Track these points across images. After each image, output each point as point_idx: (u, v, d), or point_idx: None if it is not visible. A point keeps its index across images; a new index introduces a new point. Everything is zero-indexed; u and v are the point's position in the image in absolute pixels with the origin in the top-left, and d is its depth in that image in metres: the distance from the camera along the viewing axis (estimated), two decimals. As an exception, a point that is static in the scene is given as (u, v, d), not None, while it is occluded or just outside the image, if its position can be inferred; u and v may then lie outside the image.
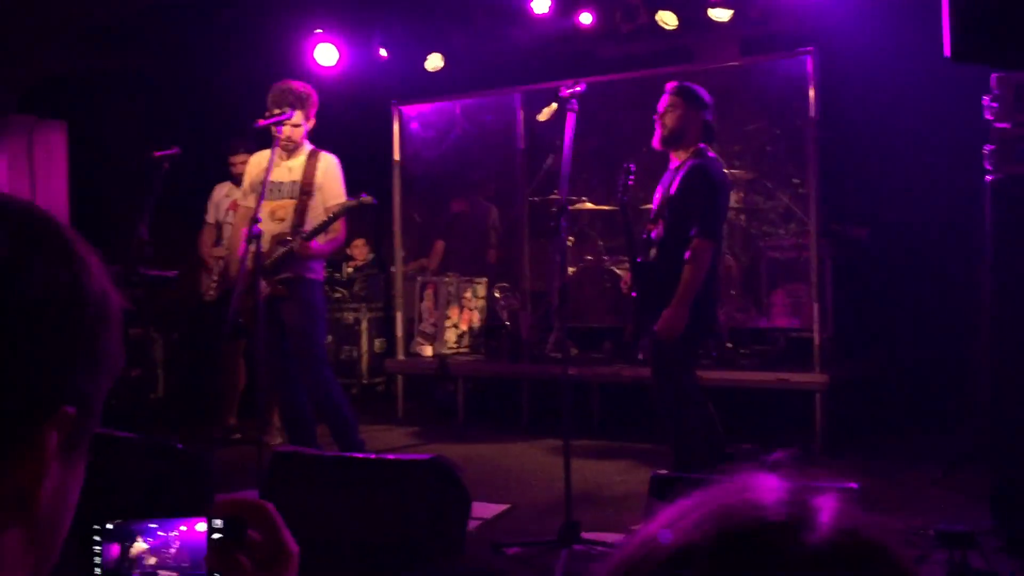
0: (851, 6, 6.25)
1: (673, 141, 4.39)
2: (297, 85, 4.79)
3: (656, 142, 4.45)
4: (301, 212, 4.80)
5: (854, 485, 2.97)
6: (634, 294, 4.47)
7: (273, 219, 4.78)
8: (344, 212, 4.69)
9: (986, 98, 3.75)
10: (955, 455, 4.82)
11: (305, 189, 4.81)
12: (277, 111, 4.67)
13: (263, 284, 4.63)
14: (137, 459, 3.86)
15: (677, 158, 4.43)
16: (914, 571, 0.56)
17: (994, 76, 3.59)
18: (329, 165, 4.87)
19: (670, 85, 4.49)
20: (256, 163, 4.95)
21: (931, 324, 6.39)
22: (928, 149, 6.21)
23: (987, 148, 3.84)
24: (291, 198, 4.81)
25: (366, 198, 4.68)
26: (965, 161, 4.62)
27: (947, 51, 2.28)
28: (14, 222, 0.67)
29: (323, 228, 4.68)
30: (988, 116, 3.84)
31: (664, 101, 4.40)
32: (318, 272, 4.88)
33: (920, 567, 3.52)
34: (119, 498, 3.81)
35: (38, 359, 0.65)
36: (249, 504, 0.91)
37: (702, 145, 4.39)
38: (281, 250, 4.70)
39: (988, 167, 3.88)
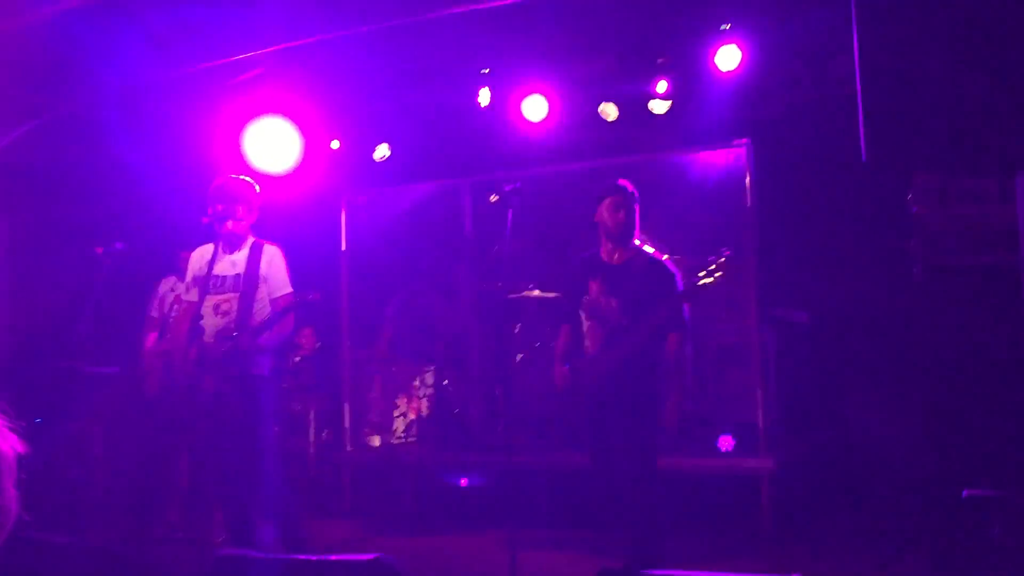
0: (784, 100, 6.50)
1: (629, 235, 4.56)
2: (239, 179, 4.82)
3: (627, 240, 4.55)
4: (247, 305, 4.74)
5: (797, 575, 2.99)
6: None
7: (217, 313, 4.73)
8: (290, 310, 4.67)
9: (911, 194, 3.91)
10: (901, 540, 4.87)
11: (249, 281, 4.77)
12: (220, 206, 4.69)
13: (208, 379, 4.58)
14: (73, 564, 3.74)
15: (618, 252, 4.55)
16: None
17: (916, 173, 3.76)
18: (273, 256, 4.85)
19: (625, 183, 4.64)
20: (198, 257, 4.92)
21: (875, 405, 6.51)
22: (861, 237, 6.41)
23: (913, 240, 3.99)
24: (235, 291, 4.76)
25: (312, 296, 4.66)
26: (895, 248, 4.79)
27: (863, 157, 2.39)
28: None
29: (269, 325, 4.65)
30: (914, 209, 4.01)
31: (622, 199, 4.54)
32: (264, 368, 4.81)
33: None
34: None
35: None
36: None
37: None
38: (227, 344, 4.65)
39: (915, 257, 4.02)
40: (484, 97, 7.54)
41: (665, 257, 4.59)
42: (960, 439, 4.03)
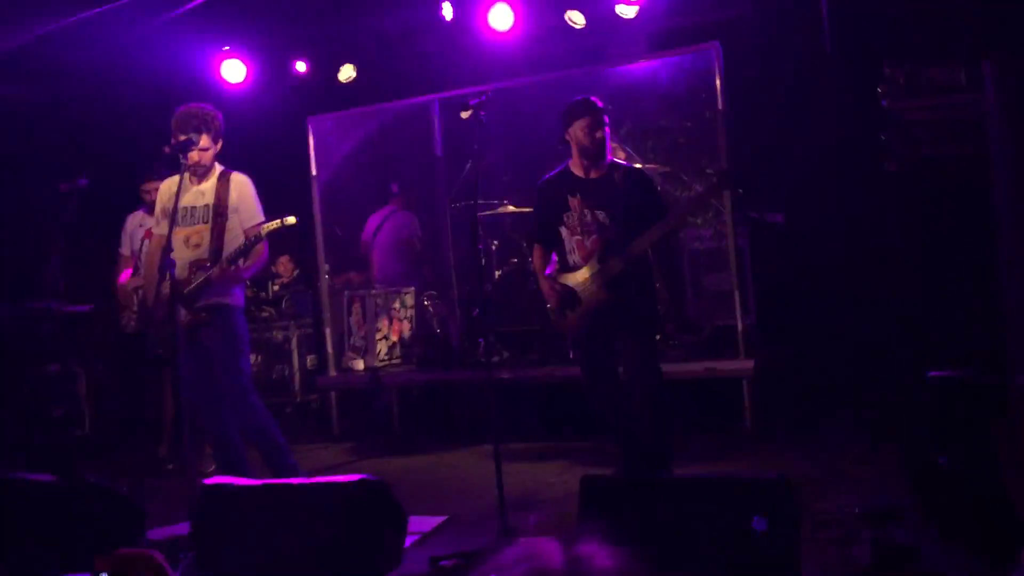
0: (749, 1, 6.39)
1: (605, 152, 4.57)
2: (201, 108, 4.71)
3: (603, 156, 4.54)
4: (218, 236, 4.68)
5: (773, 475, 3.04)
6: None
7: (188, 246, 4.67)
8: (265, 235, 4.60)
9: (880, 87, 3.87)
10: (877, 433, 4.97)
11: (219, 212, 4.69)
12: (183, 136, 4.59)
13: (183, 312, 4.55)
14: (61, 502, 3.77)
15: (593, 168, 4.54)
16: None
17: (885, 63, 3.71)
18: (242, 185, 4.76)
19: (595, 99, 4.58)
20: (166, 189, 4.84)
21: (851, 302, 6.56)
22: (832, 133, 6.37)
23: (884, 133, 3.97)
24: (205, 222, 4.68)
25: (289, 219, 4.59)
26: (867, 143, 4.77)
27: (827, 46, 2.35)
28: None
29: (244, 252, 4.59)
30: (884, 103, 3.97)
31: (598, 118, 4.49)
32: (239, 298, 4.77)
33: (849, 547, 3.63)
34: (51, 542, 3.72)
35: None
36: (133, 556, 0.92)
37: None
38: (201, 276, 4.61)
39: (887, 151, 4.01)
40: (447, 11, 7.37)
41: (637, 165, 4.58)
42: (932, 329, 4.09)
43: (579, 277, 4.50)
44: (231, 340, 4.65)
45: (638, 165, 4.60)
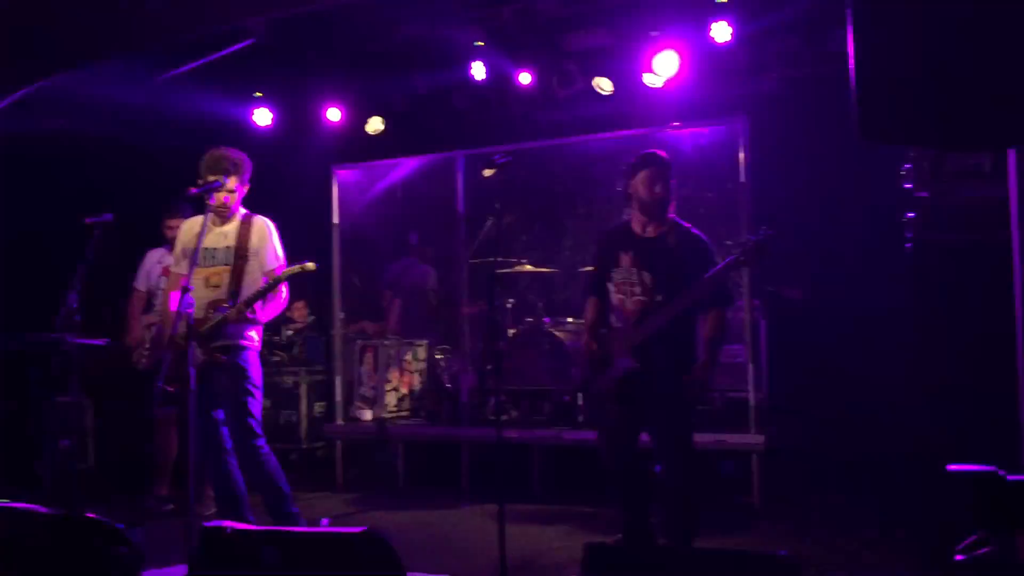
0: (779, 78, 6.47)
1: (665, 209, 4.35)
2: (230, 152, 4.77)
3: (663, 213, 4.34)
4: (237, 278, 4.72)
5: (783, 552, 2.98)
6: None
7: (208, 286, 4.71)
8: (285, 279, 4.62)
9: (904, 168, 3.89)
10: (889, 517, 4.89)
11: (240, 254, 4.73)
12: (211, 177, 4.65)
13: (198, 352, 4.56)
14: (61, 535, 3.73)
15: (652, 225, 4.35)
16: None
17: (910, 149, 3.74)
18: (263, 229, 4.81)
19: (661, 153, 4.45)
20: (188, 229, 4.90)
21: (866, 382, 6.51)
22: (855, 213, 6.39)
23: (907, 216, 3.97)
24: (226, 264, 4.73)
25: (309, 265, 4.62)
26: (889, 225, 4.78)
27: (857, 132, 2.37)
28: None
29: (262, 295, 4.61)
30: (907, 185, 3.99)
31: (659, 171, 4.33)
32: (254, 340, 4.79)
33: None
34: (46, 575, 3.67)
35: None
36: None
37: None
38: (217, 317, 4.63)
39: (908, 234, 4.01)
40: (478, 71, 7.50)
41: (696, 231, 4.38)
42: (950, 415, 4.04)
43: (615, 339, 4.35)
44: (243, 382, 4.65)
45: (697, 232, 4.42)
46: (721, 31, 6.51)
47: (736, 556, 3.14)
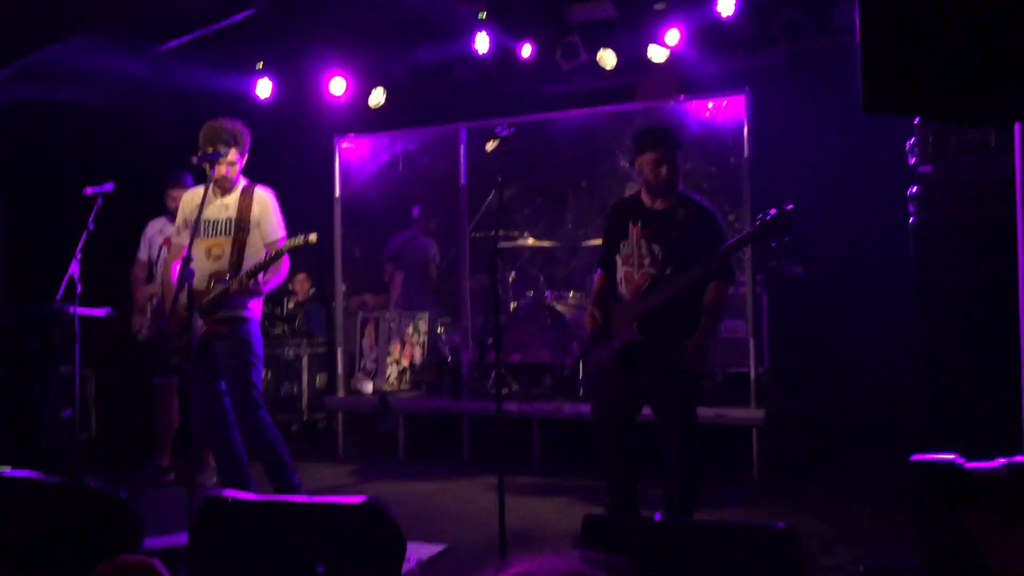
0: (784, 51, 6.42)
1: (673, 187, 4.26)
2: (228, 122, 4.75)
3: (670, 191, 4.25)
4: (238, 249, 4.71)
5: (781, 524, 2.99)
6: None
7: (209, 257, 4.71)
8: (287, 251, 4.61)
9: (909, 143, 3.86)
10: (889, 491, 4.91)
11: (241, 225, 4.72)
12: (211, 148, 4.63)
13: (200, 323, 4.57)
14: (61, 504, 3.76)
15: (660, 199, 4.27)
16: None
17: (916, 122, 3.71)
18: (265, 200, 4.79)
19: (665, 131, 4.36)
20: (189, 200, 4.89)
21: (866, 358, 6.52)
22: (858, 189, 6.37)
23: (911, 191, 3.95)
24: (227, 235, 4.72)
25: (311, 236, 4.59)
26: (892, 201, 4.75)
27: (863, 105, 2.34)
28: None
29: (264, 267, 4.60)
30: (911, 160, 3.96)
31: (664, 154, 4.21)
32: (255, 312, 4.79)
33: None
34: (47, 545, 3.70)
35: None
36: (135, 563, 0.91)
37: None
38: (219, 288, 4.63)
39: (912, 209, 3.99)
40: (481, 43, 7.44)
41: (706, 203, 4.30)
42: (951, 391, 4.04)
43: (619, 311, 4.28)
44: (245, 353, 4.66)
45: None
46: (726, 4, 6.46)
47: (736, 528, 3.15)
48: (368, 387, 7.18)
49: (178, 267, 4.47)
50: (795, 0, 6.38)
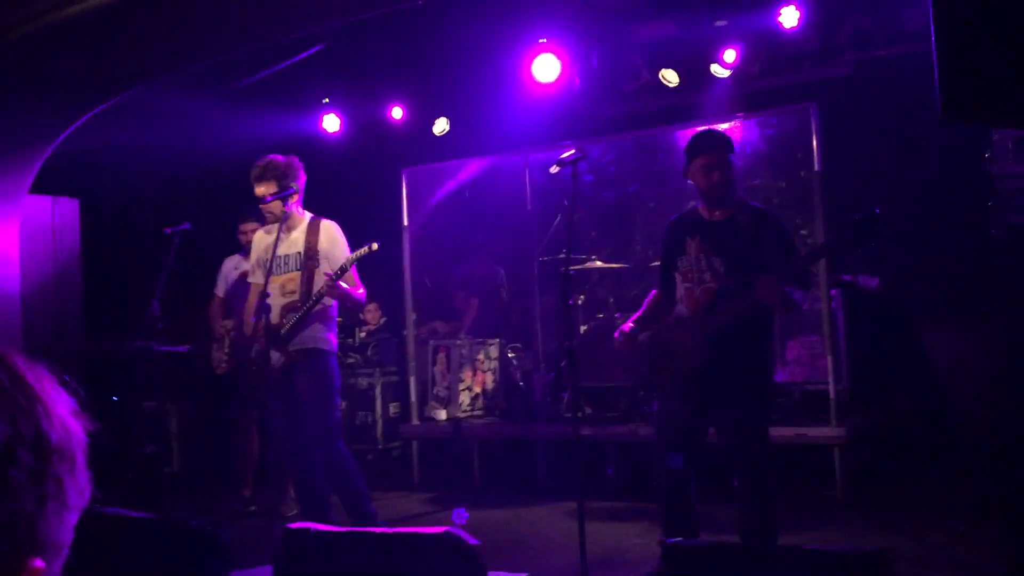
0: (852, 61, 6.31)
1: (728, 193, 4.06)
2: (278, 158, 4.81)
3: (726, 198, 4.05)
4: (308, 281, 4.75)
5: (869, 548, 2.91)
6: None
7: (283, 293, 4.77)
8: (354, 261, 4.62)
9: (988, 151, 3.76)
10: (978, 511, 4.74)
11: (310, 257, 4.77)
12: (262, 187, 4.71)
13: (277, 355, 4.64)
14: (151, 539, 3.83)
15: (719, 210, 4.07)
16: None
17: (993, 130, 3.61)
18: (331, 231, 4.84)
19: (717, 134, 4.20)
20: (259, 240, 4.97)
21: (950, 372, 6.33)
22: (935, 199, 6.21)
23: (992, 200, 3.84)
24: (297, 270, 4.78)
25: (373, 245, 4.57)
26: (970, 210, 4.63)
27: (939, 114, 2.29)
28: None
29: (339, 275, 4.59)
30: (992, 168, 3.85)
31: (715, 159, 4.03)
32: (332, 344, 4.84)
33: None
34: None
35: (2, 520, 0.64)
36: None
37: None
38: (293, 318, 4.67)
39: (993, 219, 3.87)
40: (542, 68, 7.46)
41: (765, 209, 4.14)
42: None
43: (681, 330, 4.07)
44: (323, 384, 4.70)
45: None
46: (789, 16, 6.38)
47: (824, 553, 3.07)
48: (441, 415, 7.20)
49: (256, 304, 4.56)
50: (862, 8, 6.27)
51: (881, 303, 6.64)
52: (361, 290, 4.81)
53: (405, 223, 7.45)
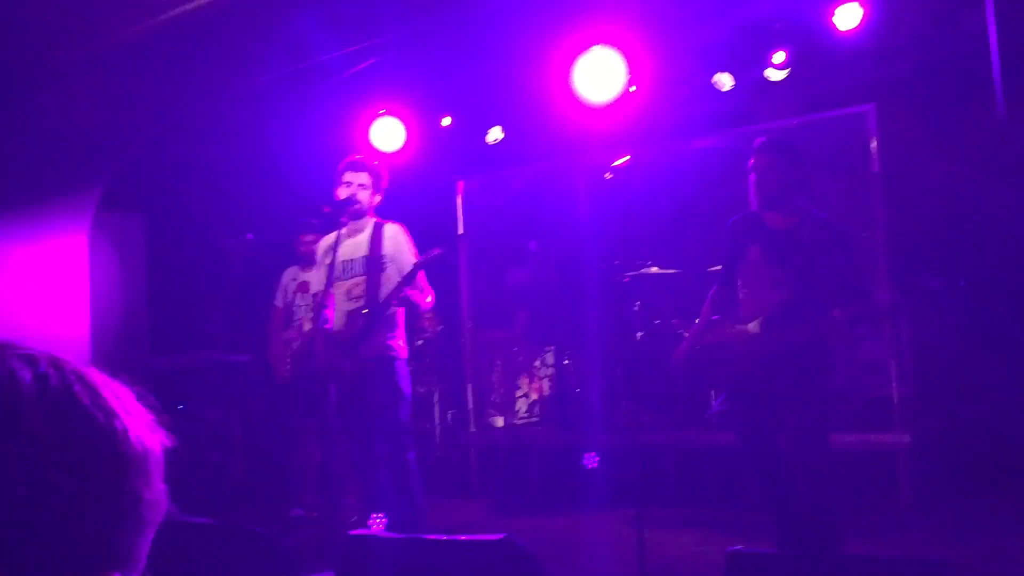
0: (910, 61, 6.20)
1: (782, 198, 4.03)
2: (370, 157, 4.85)
3: (778, 204, 4.04)
4: (374, 286, 4.64)
5: (938, 558, 2.84)
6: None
7: (349, 298, 4.70)
8: (420, 268, 4.52)
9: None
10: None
11: (375, 262, 4.69)
12: (355, 175, 4.71)
13: (345, 362, 4.57)
14: (216, 545, 3.90)
15: (781, 216, 4.05)
16: None
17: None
18: (396, 234, 4.76)
19: (765, 140, 4.14)
20: (323, 245, 4.95)
21: (1018, 377, 6.17)
22: (1000, 199, 6.06)
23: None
24: (363, 275, 4.70)
25: (436, 251, 4.54)
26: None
27: (1000, 112, 2.24)
28: (49, 399, 0.68)
29: (402, 286, 4.50)
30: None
31: (762, 160, 4.03)
32: (402, 350, 4.74)
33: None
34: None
35: (82, 533, 0.66)
36: None
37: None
38: (360, 323, 4.58)
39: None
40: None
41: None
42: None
43: (740, 337, 4.05)
44: (394, 392, 4.63)
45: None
46: (845, 17, 6.29)
47: (891, 561, 3.01)
48: (499, 422, 7.23)
49: (320, 312, 4.57)
50: (920, 7, 6.16)
51: (948, 305, 6.49)
52: (430, 297, 4.73)
53: (460, 231, 7.49)
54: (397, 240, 4.76)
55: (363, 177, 4.75)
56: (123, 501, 0.70)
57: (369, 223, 4.83)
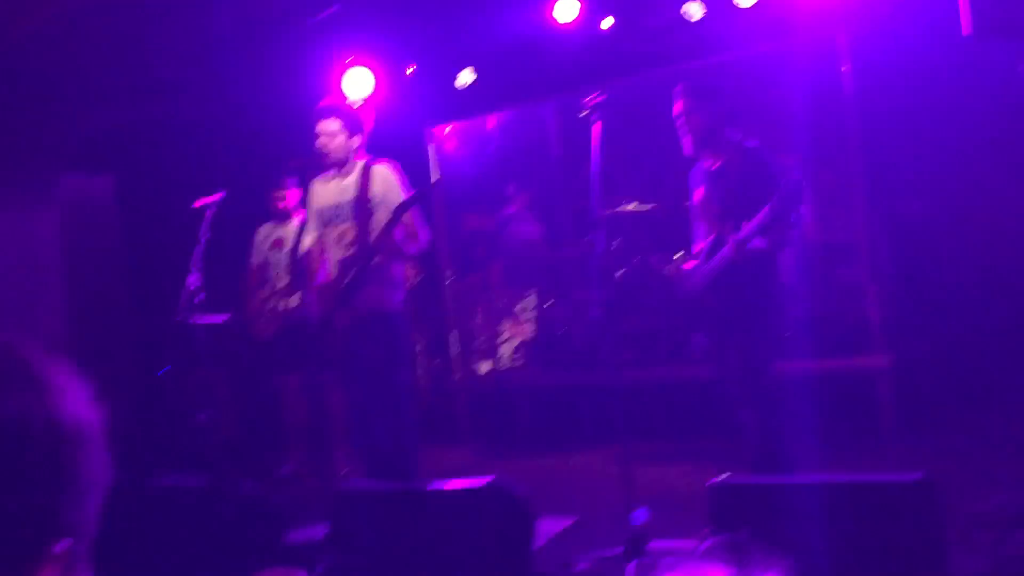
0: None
1: (710, 136, 4.18)
2: (343, 101, 4.75)
3: (706, 138, 4.18)
4: (363, 231, 4.48)
5: (917, 475, 2.90)
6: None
7: (341, 245, 4.54)
8: (405, 210, 4.34)
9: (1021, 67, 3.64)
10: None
11: (363, 205, 4.51)
12: (327, 124, 4.58)
13: (340, 314, 4.46)
14: (206, 505, 3.93)
15: (711, 155, 4.24)
16: None
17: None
18: (386, 175, 4.56)
19: (684, 85, 4.26)
20: (315, 190, 4.77)
21: (997, 300, 6.22)
22: (975, 120, 6.05)
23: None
24: (353, 219, 4.53)
25: (422, 191, 4.47)
26: (1011, 127, 4.51)
27: (965, 28, 2.22)
28: None
29: (389, 228, 4.33)
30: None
31: (681, 104, 4.17)
32: (397, 302, 4.57)
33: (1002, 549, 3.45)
34: (191, 546, 3.88)
35: (23, 508, 0.68)
36: None
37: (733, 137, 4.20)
38: (351, 273, 4.45)
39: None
40: (564, 14, 7.33)
41: (751, 144, 4.18)
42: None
43: (692, 275, 4.32)
44: (390, 348, 4.52)
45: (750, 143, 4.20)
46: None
47: (869, 482, 3.07)
48: (484, 367, 7.26)
49: (316, 263, 4.51)
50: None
51: (923, 230, 6.52)
52: (423, 236, 4.55)
53: (432, 180, 7.43)
54: (387, 180, 4.57)
55: (332, 124, 4.60)
56: (61, 473, 0.71)
57: (356, 165, 4.63)
